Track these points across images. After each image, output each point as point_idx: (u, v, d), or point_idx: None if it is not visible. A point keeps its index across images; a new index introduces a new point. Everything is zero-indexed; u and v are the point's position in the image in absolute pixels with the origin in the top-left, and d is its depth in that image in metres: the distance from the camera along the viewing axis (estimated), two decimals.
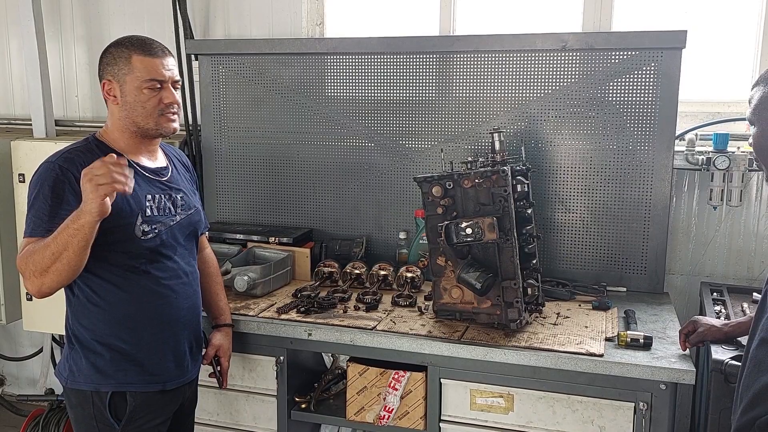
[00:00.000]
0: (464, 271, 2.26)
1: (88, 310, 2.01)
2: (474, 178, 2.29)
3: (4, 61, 3.89)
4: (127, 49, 2.01)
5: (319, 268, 2.87)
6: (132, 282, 2.01)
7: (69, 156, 1.95)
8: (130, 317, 2.02)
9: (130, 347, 2.03)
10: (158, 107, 2.01)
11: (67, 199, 1.88)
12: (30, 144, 3.16)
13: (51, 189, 1.89)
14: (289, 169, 3.21)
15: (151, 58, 2.00)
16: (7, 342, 4.11)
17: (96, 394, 2.01)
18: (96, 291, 2.00)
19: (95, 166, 1.74)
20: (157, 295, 2.06)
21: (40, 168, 1.95)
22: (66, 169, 1.91)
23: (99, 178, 1.72)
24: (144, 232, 2.00)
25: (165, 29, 3.41)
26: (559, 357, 2.16)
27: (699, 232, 2.96)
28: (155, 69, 2.00)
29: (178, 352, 2.13)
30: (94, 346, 2.01)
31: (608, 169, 2.80)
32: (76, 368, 2.03)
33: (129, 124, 2.03)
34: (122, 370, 2.02)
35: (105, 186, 1.72)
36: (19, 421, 3.64)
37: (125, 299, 2.01)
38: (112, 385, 2.01)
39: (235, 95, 3.24)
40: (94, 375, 2.01)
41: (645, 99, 2.73)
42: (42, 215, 1.88)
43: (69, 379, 2.04)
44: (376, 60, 3.03)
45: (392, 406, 2.39)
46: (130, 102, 2.01)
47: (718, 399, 2.05)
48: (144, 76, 1.99)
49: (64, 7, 3.69)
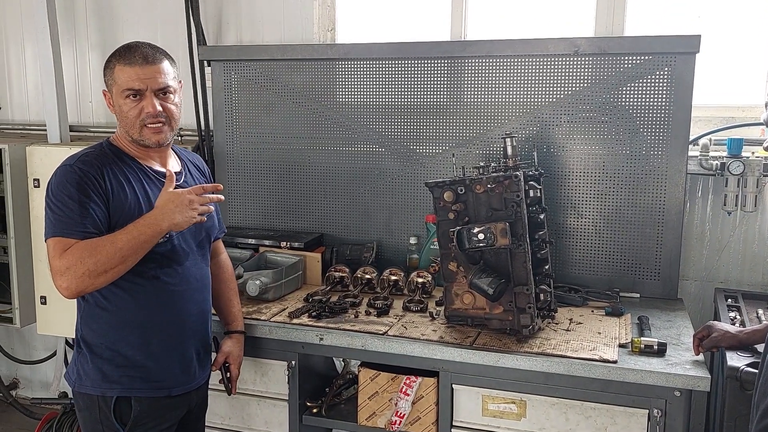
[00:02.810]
0: (476, 276, 2.25)
1: (96, 314, 2.02)
2: (486, 183, 2.29)
3: (19, 67, 3.93)
4: (115, 58, 2.01)
5: (330, 273, 2.87)
6: (141, 287, 2.01)
7: (86, 159, 1.97)
8: (137, 323, 2.02)
9: (137, 353, 2.02)
10: (139, 118, 1.98)
11: (94, 199, 1.90)
12: (45, 149, 3.18)
13: (77, 189, 1.89)
14: (301, 174, 3.22)
15: (129, 67, 1.97)
16: (21, 345, 4.14)
17: (102, 398, 2.01)
18: (105, 296, 2.00)
19: (198, 192, 1.96)
20: (165, 301, 2.05)
21: (59, 172, 1.95)
22: (86, 170, 1.92)
23: (195, 203, 1.92)
24: None
25: (178, 36, 3.43)
26: (572, 363, 2.14)
27: (713, 237, 2.94)
28: (131, 78, 1.96)
29: (185, 358, 2.12)
30: (101, 350, 2.02)
31: (621, 175, 2.79)
32: (83, 372, 2.04)
33: (125, 134, 2.04)
34: (128, 375, 2.02)
35: (198, 218, 1.94)
36: (32, 424, 3.66)
37: (133, 305, 2.01)
38: (117, 390, 2.01)
39: (247, 101, 3.26)
40: (101, 380, 2.01)
41: (658, 104, 2.71)
42: (73, 215, 1.87)
43: (77, 383, 2.05)
44: (388, 65, 3.03)
45: (404, 412, 2.38)
46: (118, 113, 2.02)
47: (734, 406, 2.03)
48: (122, 86, 1.97)
49: (78, 14, 3.73)
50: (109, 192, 1.94)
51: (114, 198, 1.94)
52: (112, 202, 1.93)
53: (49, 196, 1.93)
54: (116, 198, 1.94)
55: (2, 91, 3.99)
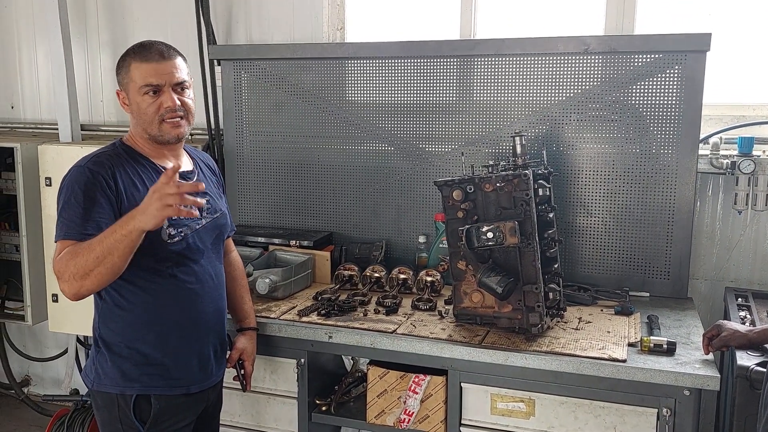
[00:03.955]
0: (485, 275, 2.25)
1: (114, 314, 2.03)
2: (495, 181, 2.29)
3: (31, 67, 3.97)
4: (128, 56, 2.02)
5: (339, 272, 2.88)
6: (158, 286, 2.02)
7: (98, 160, 1.97)
8: (155, 321, 2.03)
9: (156, 351, 2.03)
10: (158, 113, 1.99)
11: (100, 202, 1.90)
12: (56, 148, 3.21)
13: (83, 192, 1.90)
14: (310, 172, 3.23)
15: (146, 63, 1.98)
16: (33, 343, 4.18)
17: (121, 397, 2.02)
18: (123, 295, 2.01)
19: (169, 184, 1.74)
20: (183, 298, 2.06)
21: (70, 172, 1.96)
22: (96, 172, 1.93)
23: (169, 197, 1.74)
24: (170, 235, 2.00)
25: (188, 35, 3.45)
26: (581, 362, 2.14)
27: (723, 236, 2.93)
28: (149, 74, 1.98)
29: (203, 356, 2.13)
30: (120, 349, 2.02)
31: (631, 173, 2.78)
32: (102, 371, 2.04)
33: (141, 132, 2.04)
34: (147, 373, 2.03)
35: (173, 208, 1.74)
36: (44, 421, 3.69)
37: (151, 303, 2.02)
38: (137, 388, 2.02)
39: (256, 100, 3.27)
40: (120, 378, 2.02)
41: (668, 102, 2.70)
42: (75, 218, 1.88)
43: (95, 382, 2.06)
44: (397, 64, 3.03)
45: (412, 410, 2.39)
46: (135, 110, 2.02)
47: (743, 405, 2.03)
48: (140, 83, 1.98)
49: (89, 13, 3.75)
50: (122, 193, 1.94)
51: (127, 199, 1.95)
52: (124, 203, 1.93)
53: (59, 198, 1.94)
54: (129, 198, 1.95)
55: (14, 91, 4.02)
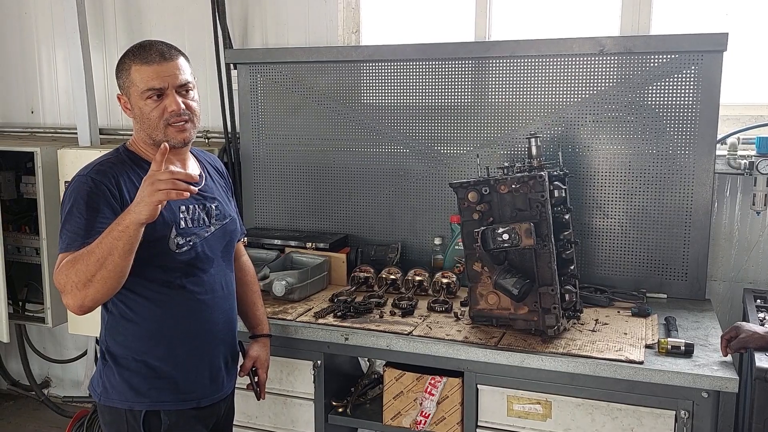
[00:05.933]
0: (501, 276, 2.25)
1: (122, 326, 1.96)
2: (511, 183, 2.29)
3: (50, 71, 4.02)
4: (128, 59, 1.93)
5: (355, 274, 2.89)
6: (167, 297, 1.95)
7: (101, 168, 1.90)
8: (164, 333, 1.97)
9: (165, 364, 1.97)
10: (162, 117, 1.90)
11: (103, 212, 1.82)
12: (75, 152, 3.24)
13: (85, 202, 1.83)
14: (326, 175, 3.24)
15: (147, 66, 1.89)
16: (53, 344, 4.23)
17: (130, 412, 1.95)
18: (130, 307, 1.94)
19: (160, 170, 1.69)
20: (192, 310, 1.99)
21: (73, 181, 1.90)
22: (99, 181, 1.86)
23: (160, 183, 1.67)
24: (178, 245, 1.93)
25: (205, 39, 3.48)
26: (598, 364, 2.13)
27: (742, 237, 2.90)
28: (151, 77, 1.88)
29: (214, 368, 2.07)
30: (128, 363, 1.96)
31: (647, 174, 2.77)
32: (109, 385, 1.97)
33: (145, 137, 1.96)
34: (156, 387, 1.96)
35: (163, 192, 1.67)
36: (64, 422, 3.73)
37: (159, 315, 1.95)
38: (146, 403, 1.95)
39: (272, 103, 3.29)
40: (128, 392, 1.95)
41: (685, 103, 2.69)
42: (78, 229, 1.80)
43: (102, 396, 1.99)
44: (412, 67, 3.04)
45: (429, 412, 2.39)
46: (138, 115, 1.93)
47: (763, 408, 2.01)
48: (142, 87, 1.89)
49: (107, 19, 3.79)
50: (127, 201, 1.85)
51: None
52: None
53: (62, 208, 1.89)
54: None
55: (34, 96, 4.07)
